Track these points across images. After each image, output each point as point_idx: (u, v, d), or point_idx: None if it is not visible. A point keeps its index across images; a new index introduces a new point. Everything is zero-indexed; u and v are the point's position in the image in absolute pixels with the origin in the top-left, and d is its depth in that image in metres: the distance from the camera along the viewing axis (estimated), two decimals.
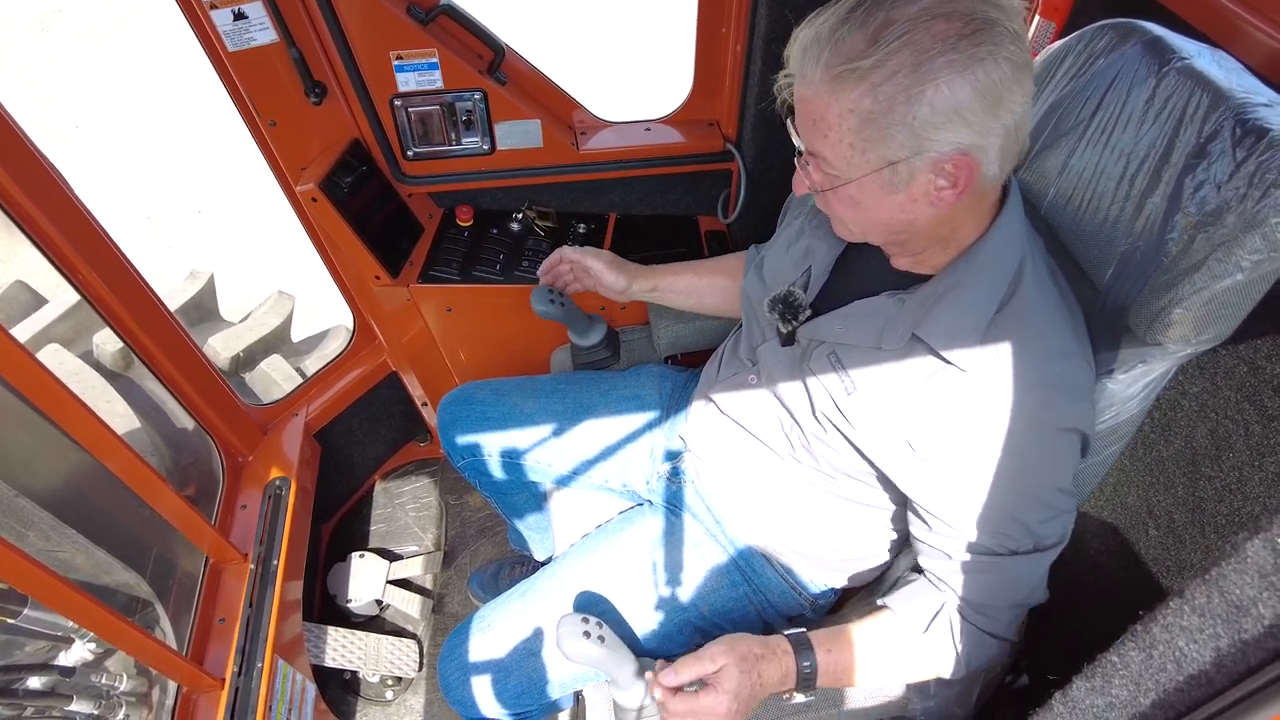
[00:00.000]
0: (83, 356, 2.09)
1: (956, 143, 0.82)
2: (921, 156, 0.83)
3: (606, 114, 1.82)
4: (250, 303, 3.23)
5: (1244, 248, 0.81)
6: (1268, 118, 0.82)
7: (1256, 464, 0.95)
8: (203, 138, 4.55)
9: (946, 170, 0.84)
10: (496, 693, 1.26)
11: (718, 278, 1.49)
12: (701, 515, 1.32)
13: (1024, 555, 0.96)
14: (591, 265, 1.46)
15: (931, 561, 1.03)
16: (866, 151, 0.85)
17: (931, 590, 1.04)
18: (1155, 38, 0.97)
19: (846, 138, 0.84)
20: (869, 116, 0.81)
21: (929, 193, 0.87)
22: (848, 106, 0.82)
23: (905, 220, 0.91)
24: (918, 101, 0.79)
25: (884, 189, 0.88)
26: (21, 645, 1.32)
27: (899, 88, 0.79)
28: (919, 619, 1.04)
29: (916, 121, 0.80)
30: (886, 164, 0.85)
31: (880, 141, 0.83)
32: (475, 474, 1.62)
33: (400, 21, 1.48)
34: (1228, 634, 0.50)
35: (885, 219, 0.92)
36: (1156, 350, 0.95)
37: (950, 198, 0.87)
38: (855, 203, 0.91)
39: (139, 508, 1.31)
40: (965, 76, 0.78)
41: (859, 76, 0.80)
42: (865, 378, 1.01)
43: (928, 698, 1.31)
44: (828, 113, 0.84)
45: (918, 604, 1.05)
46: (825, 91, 0.83)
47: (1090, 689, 0.63)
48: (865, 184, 0.88)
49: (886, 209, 0.90)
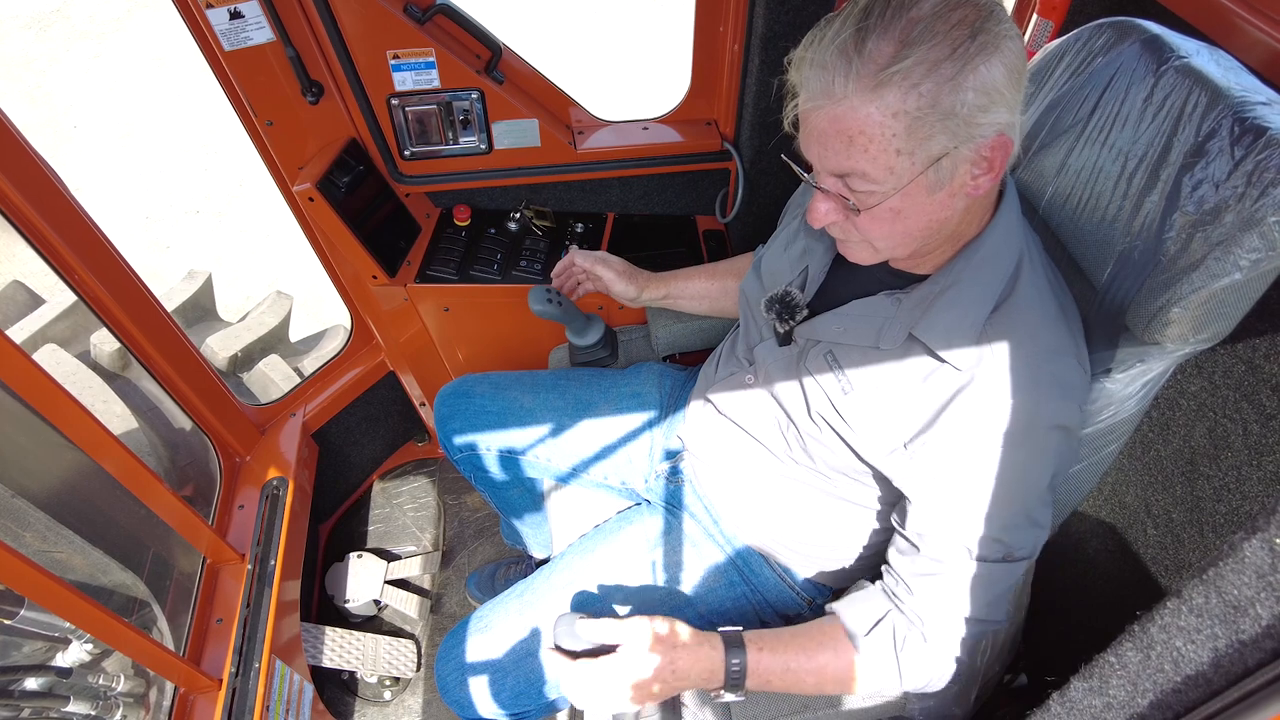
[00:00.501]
0: (80, 357, 2.09)
1: (997, 123, 0.82)
2: (969, 144, 0.83)
3: (604, 113, 1.82)
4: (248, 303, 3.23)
5: (1242, 246, 0.81)
6: (1266, 116, 0.82)
7: (1255, 463, 0.95)
8: (200, 138, 4.54)
9: (984, 156, 0.84)
10: (494, 693, 1.26)
11: (730, 280, 1.48)
12: (699, 515, 1.32)
13: (992, 563, 0.95)
14: (603, 274, 1.47)
15: (897, 557, 1.02)
16: (915, 153, 0.83)
17: (880, 597, 1.04)
18: (1153, 36, 0.97)
19: (893, 144, 0.82)
20: (917, 115, 0.80)
21: (966, 184, 0.87)
22: (892, 111, 0.80)
23: (942, 219, 0.90)
24: (962, 89, 0.79)
25: (928, 190, 0.86)
26: (18, 646, 1.32)
27: (942, 79, 0.78)
28: (861, 623, 1.03)
29: (964, 109, 0.80)
30: (932, 162, 0.83)
31: (928, 139, 0.82)
32: (472, 469, 1.61)
33: (397, 21, 1.48)
34: (1225, 634, 0.49)
35: (924, 223, 0.90)
36: (1154, 349, 0.95)
37: (986, 184, 0.87)
38: (896, 214, 0.89)
39: (136, 508, 1.31)
40: (995, 57, 0.79)
41: (901, 77, 0.78)
42: (862, 377, 1.01)
43: (926, 697, 1.31)
44: (868, 124, 0.81)
45: (862, 608, 1.04)
46: (863, 103, 0.80)
47: (1088, 689, 0.63)
48: (910, 191, 0.86)
49: (927, 212, 0.89)
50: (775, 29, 1.42)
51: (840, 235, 0.98)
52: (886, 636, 1.01)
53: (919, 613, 0.99)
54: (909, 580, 0.99)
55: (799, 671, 1.05)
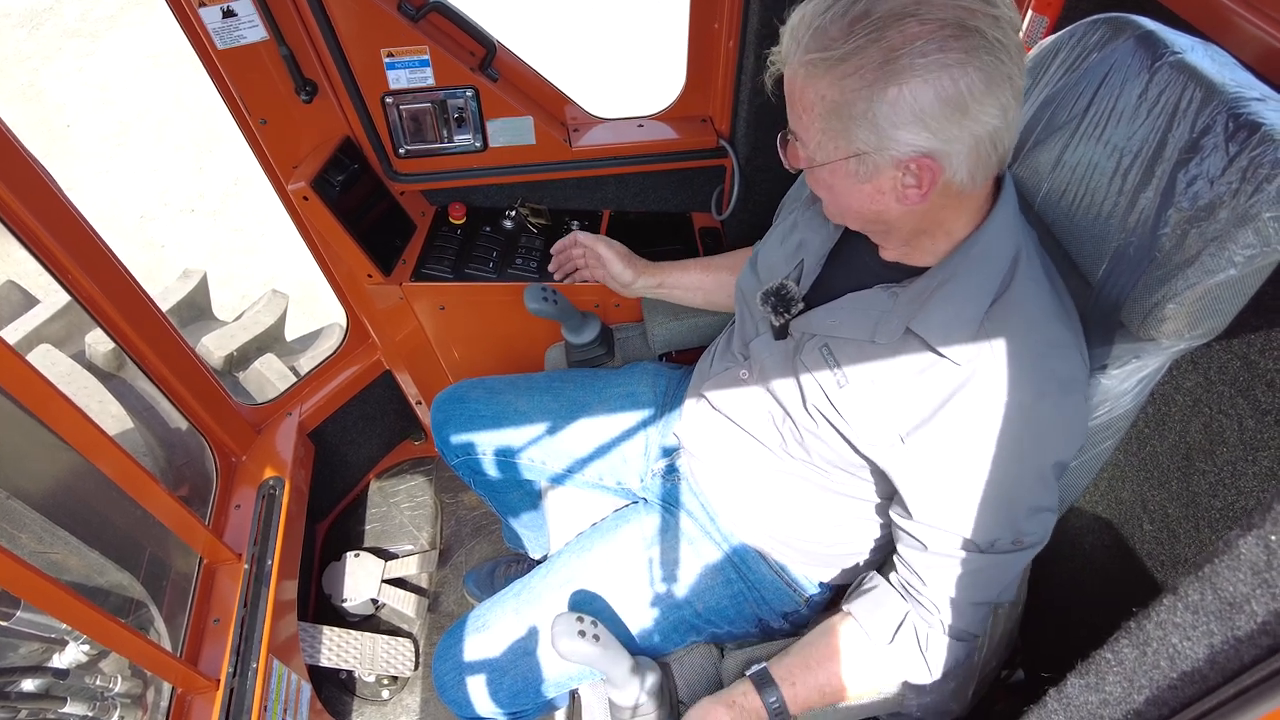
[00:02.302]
0: (75, 357, 2.09)
1: (916, 145, 0.82)
2: (883, 153, 0.84)
3: (599, 110, 1.81)
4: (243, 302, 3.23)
5: (1237, 242, 0.81)
6: (1260, 112, 0.82)
7: (1250, 458, 0.95)
8: (194, 136, 4.53)
9: (911, 169, 0.85)
10: (492, 692, 1.26)
11: (724, 274, 1.50)
12: (696, 512, 1.32)
13: (1002, 552, 0.96)
14: (603, 252, 1.50)
15: (907, 551, 1.02)
16: (836, 139, 0.86)
17: (895, 598, 1.05)
18: (1148, 32, 0.97)
19: (817, 123, 0.86)
20: (834, 107, 0.83)
21: (896, 188, 0.88)
22: (818, 93, 0.84)
23: (876, 210, 0.92)
24: (879, 100, 0.80)
25: (852, 178, 0.89)
26: (15, 648, 1.31)
27: (863, 83, 0.80)
28: (883, 630, 1.05)
29: (877, 118, 0.81)
30: (853, 154, 0.86)
31: (844, 132, 0.85)
32: (470, 472, 1.62)
33: (391, 18, 1.47)
34: (1221, 630, 0.49)
35: (856, 206, 0.93)
36: (1150, 345, 0.95)
37: (915, 197, 0.88)
38: (829, 186, 0.93)
39: (132, 509, 1.31)
40: (929, 82, 0.78)
41: (828, 66, 0.81)
42: (857, 371, 1.01)
43: (924, 694, 1.31)
44: (803, 96, 0.86)
45: (882, 614, 1.05)
46: (801, 75, 0.85)
47: (1085, 686, 0.63)
48: (835, 169, 0.90)
49: (856, 197, 0.92)
50: (770, 25, 1.41)
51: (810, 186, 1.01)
52: (910, 640, 1.03)
53: (935, 602, 1.00)
54: (921, 573, 1.00)
55: (833, 688, 1.08)
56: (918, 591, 1.02)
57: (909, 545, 1.02)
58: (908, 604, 1.04)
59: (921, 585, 1.01)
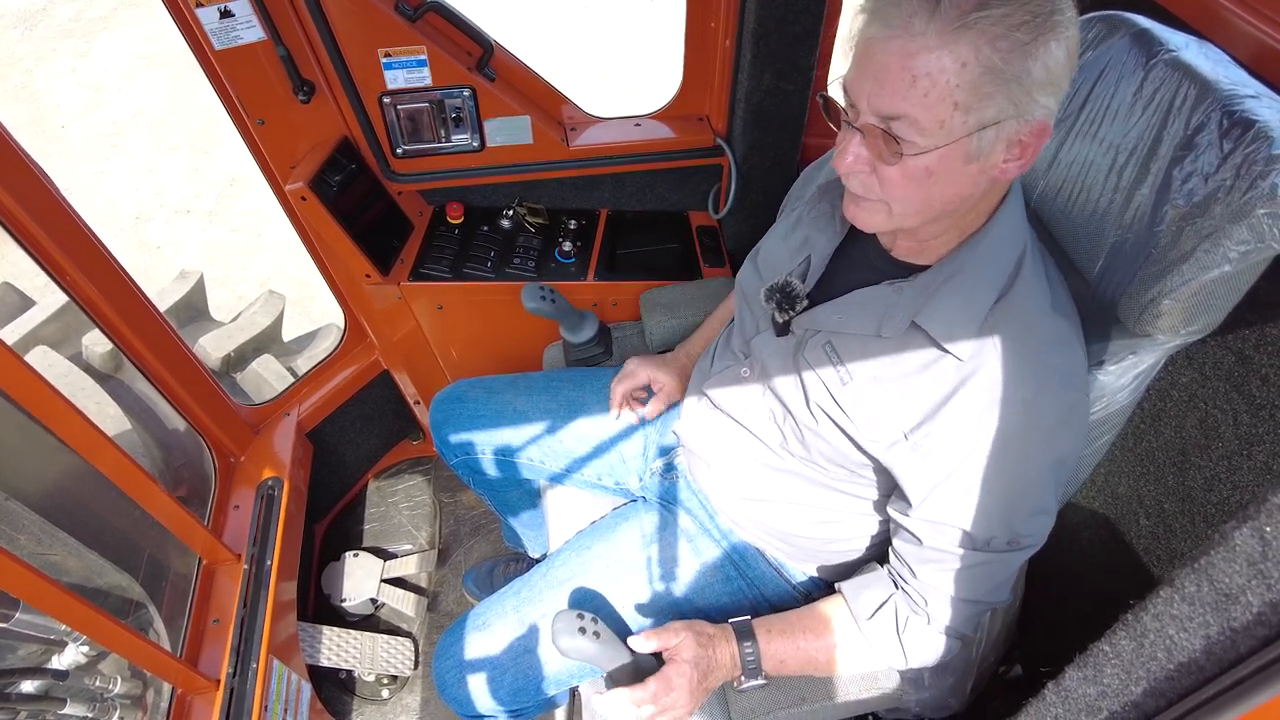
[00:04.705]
0: (72, 359, 2.09)
1: (1047, 107, 0.80)
2: (1018, 120, 0.80)
3: (596, 110, 1.82)
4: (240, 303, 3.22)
5: (1231, 239, 0.81)
6: (1254, 109, 0.83)
7: (1245, 453, 0.95)
8: (190, 137, 4.52)
9: (1021, 140, 0.83)
10: (492, 690, 1.26)
11: None
12: (695, 510, 1.33)
13: (997, 552, 0.96)
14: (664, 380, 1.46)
15: (902, 545, 1.03)
16: (970, 111, 0.79)
17: (885, 581, 1.08)
18: (1143, 30, 0.98)
19: (954, 95, 0.78)
20: (986, 70, 0.76)
21: (997, 164, 0.85)
22: (963, 60, 0.76)
23: (964, 195, 0.88)
24: (1033, 58, 0.76)
25: (965, 158, 0.83)
26: (14, 649, 1.31)
27: (1019, 43, 0.75)
28: (865, 606, 1.07)
29: (1028, 80, 0.77)
30: (980, 127, 0.80)
31: (987, 100, 0.78)
32: (468, 472, 1.62)
33: (388, 19, 1.47)
34: (1217, 622, 0.50)
35: (948, 193, 0.87)
36: (1146, 341, 0.95)
37: (1014, 170, 0.85)
38: (927, 174, 0.84)
39: (131, 510, 1.31)
40: (1063, 38, 0.77)
41: (985, 26, 0.75)
42: (861, 368, 1.01)
43: (922, 689, 1.32)
44: (936, 68, 0.77)
45: (869, 593, 1.08)
46: (940, 44, 0.76)
47: (1083, 678, 0.64)
48: (949, 152, 0.82)
49: (955, 182, 0.86)
50: (766, 24, 1.42)
51: (859, 189, 0.92)
52: (889, 620, 1.05)
53: (923, 594, 1.01)
54: (914, 565, 1.01)
55: (810, 650, 1.11)
56: (906, 582, 1.03)
57: (904, 539, 1.02)
58: (894, 589, 1.06)
59: (911, 577, 1.02)
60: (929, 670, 1.29)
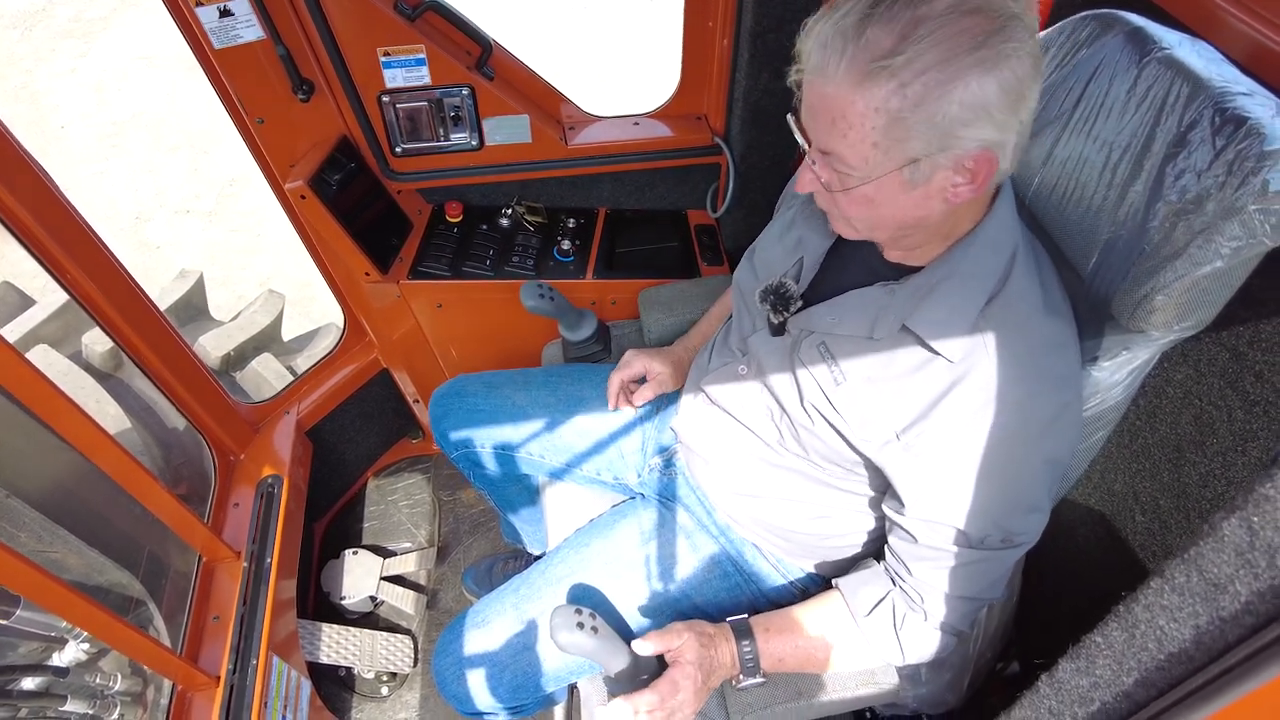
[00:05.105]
0: (72, 357, 2.09)
1: (981, 140, 0.81)
2: (945, 154, 0.82)
3: (595, 109, 1.82)
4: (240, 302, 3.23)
5: (1224, 235, 0.82)
6: (1246, 106, 0.83)
7: (1240, 449, 0.96)
8: (190, 137, 4.52)
9: (966, 167, 0.83)
10: (491, 687, 1.27)
11: None
12: (693, 506, 1.33)
13: (991, 550, 0.97)
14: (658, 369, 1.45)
15: (898, 543, 1.04)
16: (890, 150, 0.82)
17: (882, 578, 1.09)
18: (1136, 28, 0.98)
19: (870, 136, 0.82)
20: (896, 115, 0.79)
21: (945, 189, 0.86)
22: (874, 105, 0.79)
23: (918, 216, 0.90)
24: (947, 100, 0.78)
25: (902, 187, 0.86)
26: (15, 646, 1.32)
27: (929, 85, 0.77)
28: (863, 603, 1.08)
29: (944, 119, 0.79)
30: (908, 162, 0.83)
31: (905, 140, 0.81)
32: (469, 466, 1.63)
33: (387, 18, 1.48)
34: (1206, 612, 0.51)
35: (898, 216, 0.90)
36: (1140, 337, 0.96)
37: (966, 194, 0.86)
38: (869, 200, 0.89)
39: (131, 507, 1.31)
40: (992, 74, 0.77)
41: (889, 74, 0.77)
42: (854, 368, 1.01)
43: (919, 685, 1.32)
44: (850, 111, 0.81)
45: (866, 590, 1.09)
46: (849, 89, 0.80)
47: (1075, 669, 0.65)
48: (884, 183, 0.86)
49: (901, 207, 0.89)
50: (764, 23, 1.42)
51: (824, 206, 0.98)
52: (886, 616, 1.06)
53: (920, 591, 1.02)
54: (909, 563, 1.02)
55: (808, 648, 1.11)
56: (902, 579, 1.04)
57: (900, 538, 1.03)
58: (891, 585, 1.07)
59: (907, 574, 1.03)
60: (926, 666, 1.30)
